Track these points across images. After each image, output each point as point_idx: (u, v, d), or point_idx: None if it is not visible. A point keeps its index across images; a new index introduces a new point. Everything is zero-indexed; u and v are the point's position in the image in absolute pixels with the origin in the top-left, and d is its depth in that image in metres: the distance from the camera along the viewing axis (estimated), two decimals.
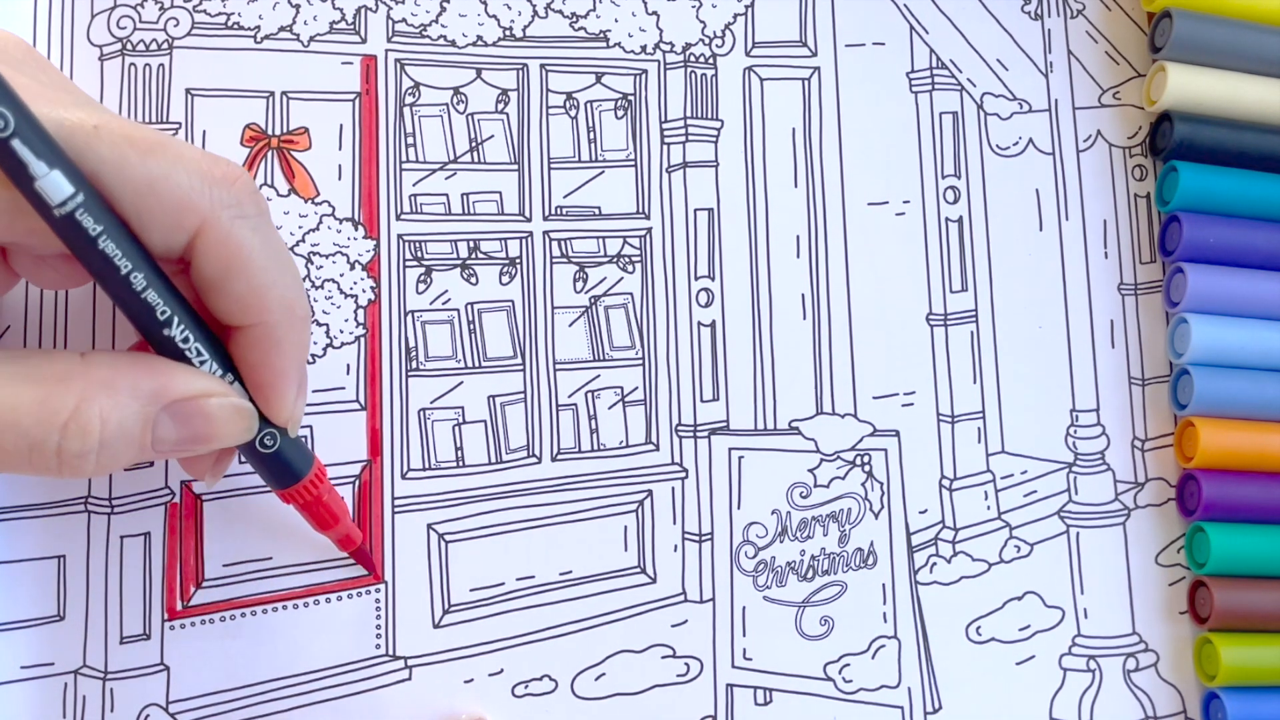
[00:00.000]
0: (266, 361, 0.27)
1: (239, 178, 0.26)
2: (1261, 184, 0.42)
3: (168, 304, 0.25)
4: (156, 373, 0.25)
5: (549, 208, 0.37)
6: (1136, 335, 0.42)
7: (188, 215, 0.25)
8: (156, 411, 0.25)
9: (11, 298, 0.31)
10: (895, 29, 0.41)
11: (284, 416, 0.28)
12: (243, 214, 0.26)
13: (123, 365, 0.25)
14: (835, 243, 0.39)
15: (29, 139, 0.22)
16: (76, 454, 0.24)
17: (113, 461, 0.25)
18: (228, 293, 0.26)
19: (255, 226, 0.26)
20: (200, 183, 0.25)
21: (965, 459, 0.39)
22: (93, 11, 0.33)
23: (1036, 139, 0.42)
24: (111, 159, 0.24)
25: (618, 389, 0.37)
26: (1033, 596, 0.39)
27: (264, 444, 0.28)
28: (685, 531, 0.37)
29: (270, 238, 0.27)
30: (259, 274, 0.26)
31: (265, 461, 0.29)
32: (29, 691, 0.30)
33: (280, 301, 0.27)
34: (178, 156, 0.25)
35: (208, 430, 0.26)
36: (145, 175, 0.24)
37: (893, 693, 0.37)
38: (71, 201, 0.23)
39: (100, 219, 0.23)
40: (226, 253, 0.26)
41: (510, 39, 0.37)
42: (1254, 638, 0.40)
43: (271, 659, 0.32)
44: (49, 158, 0.22)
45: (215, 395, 0.26)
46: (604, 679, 0.35)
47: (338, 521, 0.31)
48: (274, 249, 0.27)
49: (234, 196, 0.26)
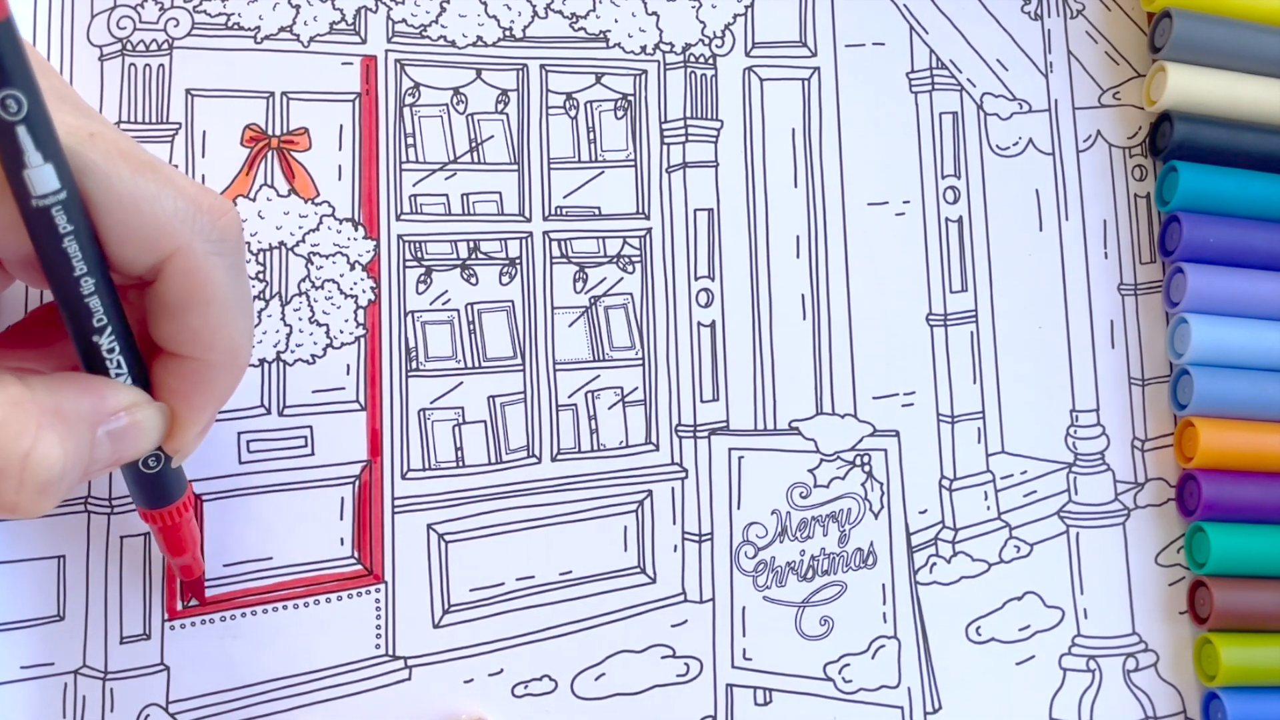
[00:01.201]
0: (189, 396, 0.27)
1: (226, 213, 0.26)
2: (1261, 184, 0.42)
3: (105, 313, 0.25)
4: (90, 391, 0.25)
5: (549, 208, 0.37)
6: (1136, 335, 0.42)
7: (164, 239, 0.25)
8: (98, 432, 0.25)
9: (12, 297, 0.31)
10: (895, 29, 0.41)
11: (178, 448, 0.28)
12: (220, 251, 0.26)
13: (60, 388, 0.24)
14: (835, 243, 0.39)
15: (35, 128, 0.22)
16: (41, 484, 0.23)
17: (66, 491, 0.24)
18: (181, 322, 0.26)
19: (229, 265, 0.26)
20: (186, 210, 0.25)
21: (965, 459, 0.39)
22: (93, 12, 0.33)
23: (1036, 139, 0.42)
24: (101, 167, 0.24)
25: (618, 389, 0.37)
26: (1033, 596, 0.39)
27: (147, 464, 0.28)
28: (685, 531, 0.37)
29: (239, 280, 0.27)
30: (217, 312, 0.26)
31: (140, 479, 0.28)
32: (29, 691, 0.30)
33: (228, 343, 0.26)
34: (168, 180, 0.25)
35: (135, 446, 0.26)
36: (132, 191, 0.24)
37: (893, 693, 0.37)
38: (53, 196, 0.23)
39: (73, 220, 0.23)
40: (192, 284, 0.25)
41: (510, 39, 0.37)
42: (1254, 638, 0.40)
43: (271, 659, 0.32)
44: (47, 151, 0.22)
45: (140, 406, 0.26)
46: (604, 679, 0.35)
47: (186, 551, 0.30)
48: (239, 292, 0.27)
49: (217, 231, 0.26)
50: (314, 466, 0.33)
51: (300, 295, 0.34)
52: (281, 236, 0.34)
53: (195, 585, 0.32)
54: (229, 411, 0.33)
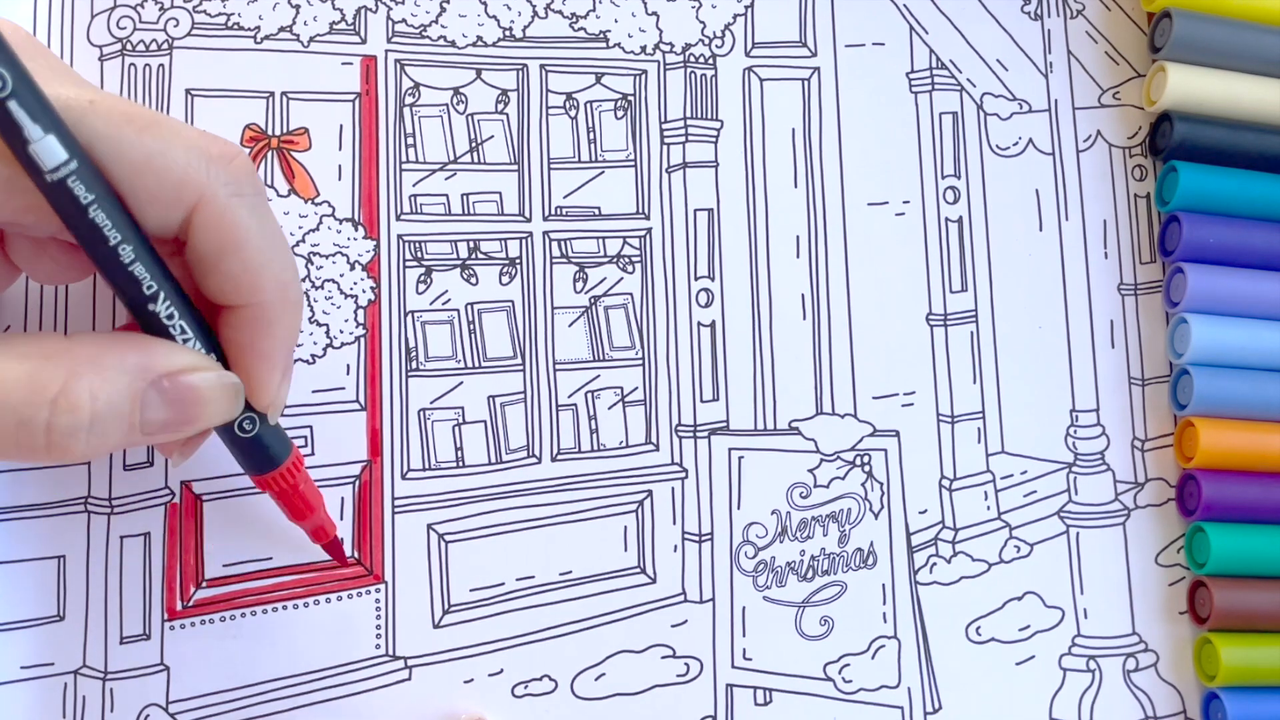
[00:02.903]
0: (255, 344, 0.27)
1: (236, 156, 0.26)
2: (1261, 184, 0.42)
3: (154, 278, 0.25)
4: (141, 348, 0.25)
5: (549, 208, 0.37)
6: (1136, 335, 0.42)
7: (184, 191, 0.25)
8: (144, 387, 0.25)
9: (12, 295, 0.31)
10: (895, 29, 0.41)
11: (267, 401, 0.28)
12: (240, 192, 0.26)
13: (108, 343, 0.25)
14: (835, 243, 0.39)
15: (26, 102, 0.22)
16: (67, 431, 0.23)
17: (102, 442, 0.24)
18: (222, 271, 0.26)
19: (252, 206, 0.26)
20: (198, 159, 0.25)
21: (965, 459, 0.39)
22: (93, 12, 0.33)
23: (1036, 139, 0.42)
24: (107, 134, 0.24)
25: (618, 389, 0.37)
26: (1033, 596, 0.39)
27: (243, 428, 0.28)
28: (685, 531, 0.37)
29: (267, 218, 0.27)
30: (254, 253, 0.26)
31: (242, 446, 0.28)
32: (29, 691, 0.30)
33: (275, 282, 0.27)
34: (175, 133, 0.25)
35: (195, 410, 0.26)
36: (142, 151, 0.24)
37: (893, 693, 0.37)
38: (64, 168, 0.23)
39: (93, 188, 0.23)
40: (222, 230, 0.26)
41: (510, 39, 0.37)
42: (1254, 638, 0.40)
43: (271, 659, 0.32)
44: (45, 122, 0.22)
45: (202, 369, 0.26)
46: (604, 679, 0.35)
47: (313, 512, 0.31)
48: (270, 230, 0.27)
49: (231, 174, 0.26)
50: (314, 466, 0.33)
51: None
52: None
53: (333, 548, 0.32)
54: None
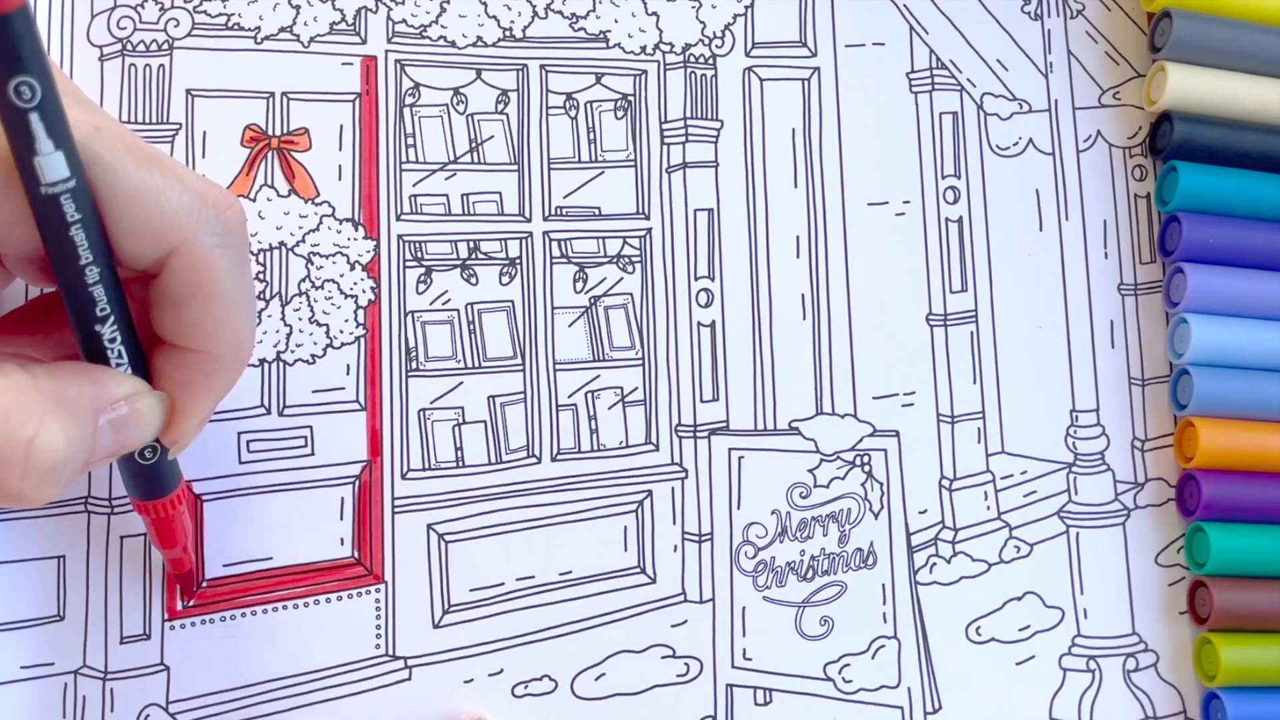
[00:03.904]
0: (190, 388, 0.27)
1: (231, 206, 0.26)
2: (1261, 184, 0.42)
3: (109, 303, 0.25)
4: (93, 378, 0.25)
5: (549, 208, 0.37)
6: (1136, 335, 0.42)
7: (169, 232, 0.25)
8: (100, 420, 0.25)
9: (11, 296, 0.31)
10: (895, 29, 0.41)
11: (175, 439, 0.28)
12: (225, 244, 0.26)
13: (63, 377, 0.25)
14: (835, 243, 0.39)
15: (48, 116, 0.22)
16: (44, 474, 0.23)
17: (69, 480, 0.24)
18: (185, 315, 0.26)
19: (234, 259, 0.26)
20: (191, 203, 0.25)
21: (965, 459, 0.39)
22: (93, 12, 0.33)
23: (1036, 139, 0.42)
24: (107, 160, 0.24)
25: (618, 389, 0.37)
26: (1033, 597, 0.39)
27: (143, 455, 0.28)
28: (685, 531, 0.37)
29: (243, 274, 0.27)
30: (221, 305, 0.26)
31: (136, 470, 0.28)
32: (29, 691, 0.30)
33: (231, 336, 0.27)
34: (173, 174, 0.25)
35: (136, 434, 0.26)
36: (137, 184, 0.24)
37: (893, 693, 0.37)
38: (62, 185, 0.23)
39: (81, 209, 0.23)
40: (197, 277, 0.26)
41: (510, 39, 0.37)
42: (1254, 638, 0.40)
43: (271, 659, 0.32)
44: (58, 139, 0.23)
45: (141, 394, 0.26)
46: (604, 679, 0.35)
47: (176, 544, 0.30)
48: (244, 286, 0.27)
49: (222, 225, 0.26)
50: (314, 466, 0.33)
51: (300, 295, 0.34)
52: (281, 237, 0.34)
53: (185, 579, 0.32)
54: (229, 411, 0.33)
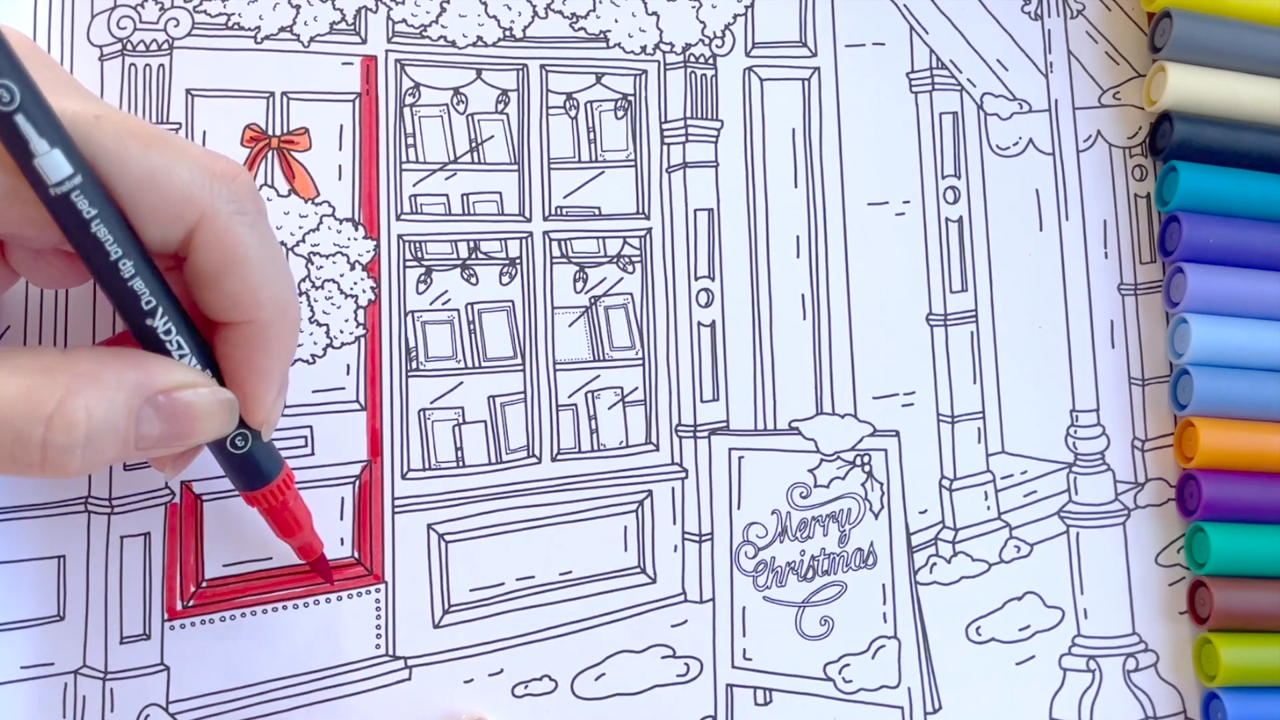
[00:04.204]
0: (252, 361, 0.27)
1: (239, 174, 0.26)
2: (1261, 184, 0.42)
3: (153, 294, 0.25)
4: (139, 365, 0.25)
5: (549, 208, 0.37)
6: (1136, 335, 0.42)
7: (186, 209, 0.25)
8: (140, 404, 0.25)
9: (12, 297, 0.31)
10: (895, 29, 0.41)
11: (260, 418, 0.28)
12: (242, 210, 0.26)
13: (106, 358, 0.25)
14: (835, 243, 0.39)
15: (33, 115, 0.22)
16: (62, 448, 0.24)
17: (97, 458, 0.24)
18: (222, 289, 0.26)
19: (254, 224, 0.26)
20: (201, 177, 0.25)
21: (965, 459, 0.39)
22: (93, 11, 0.33)
23: (1036, 139, 0.42)
24: (112, 149, 0.24)
25: (618, 389, 0.37)
26: (1033, 596, 0.39)
27: (234, 444, 0.28)
28: (685, 531, 0.37)
29: (268, 237, 0.27)
30: (255, 272, 0.26)
31: (234, 461, 0.28)
32: (29, 691, 0.30)
33: (274, 301, 0.27)
34: (179, 151, 0.25)
35: (190, 426, 0.26)
36: (146, 167, 0.24)
37: (893, 693, 0.37)
38: (69, 182, 0.23)
39: (96, 203, 0.23)
40: (224, 248, 0.26)
41: (510, 39, 0.37)
42: (1254, 638, 0.40)
43: (271, 659, 0.32)
44: (51, 136, 0.23)
45: (198, 386, 0.26)
46: (604, 679, 0.35)
47: (300, 530, 0.31)
48: (271, 249, 0.27)
49: (234, 193, 0.26)
50: (314, 466, 0.33)
51: (300, 295, 0.34)
52: (282, 236, 0.34)
53: (319, 565, 0.32)
54: None
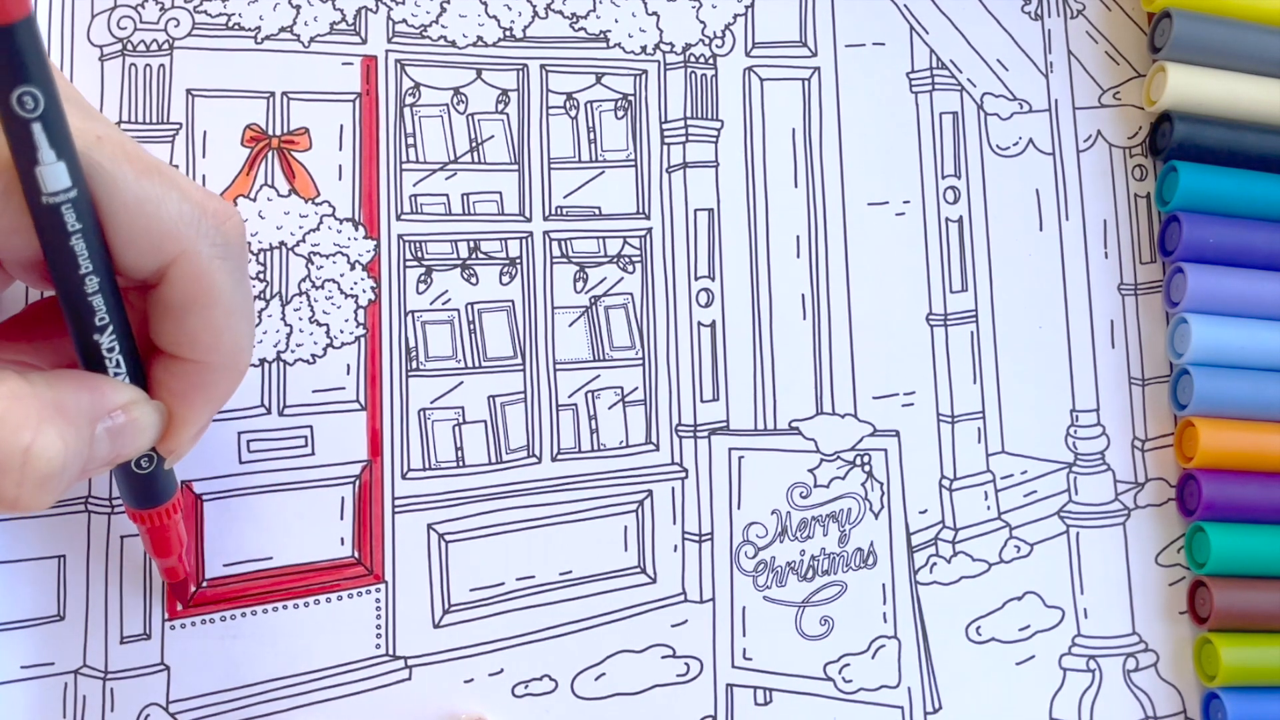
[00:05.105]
0: (188, 398, 0.27)
1: (230, 217, 0.26)
2: (1261, 184, 0.42)
3: (108, 312, 0.25)
4: (89, 386, 0.25)
5: (549, 208, 0.37)
6: (1136, 335, 0.42)
7: (169, 242, 0.25)
8: (99, 429, 0.25)
9: (11, 296, 0.31)
10: (895, 29, 0.41)
11: (175, 450, 0.28)
12: (225, 255, 0.26)
13: (61, 383, 0.25)
14: (835, 243, 0.39)
15: (51, 126, 0.22)
16: (40, 480, 0.23)
17: (65, 487, 0.24)
18: (183, 325, 0.26)
19: (232, 269, 0.26)
20: (191, 213, 0.25)
21: (965, 459, 0.39)
22: (93, 12, 0.33)
23: (1036, 139, 0.42)
24: (108, 170, 0.24)
25: (618, 389, 0.37)
26: (1033, 596, 0.39)
27: (139, 465, 0.28)
28: (685, 531, 0.37)
29: (242, 284, 0.27)
30: (220, 316, 0.26)
31: (132, 480, 0.28)
32: (29, 691, 0.30)
33: (230, 346, 0.27)
34: (173, 183, 0.25)
35: (132, 444, 0.26)
36: (137, 194, 0.24)
37: (893, 693, 0.37)
38: (64, 194, 0.23)
39: (82, 219, 0.24)
40: (197, 288, 0.26)
41: (510, 39, 0.37)
42: (1254, 638, 0.40)
43: (271, 659, 0.32)
44: (60, 148, 0.23)
45: (141, 404, 0.26)
46: (604, 679, 0.35)
47: (171, 553, 0.30)
48: (242, 296, 0.27)
49: (222, 235, 0.26)
50: (314, 466, 0.33)
51: (300, 295, 0.34)
52: (282, 236, 0.34)
53: (179, 589, 0.32)
54: (229, 411, 0.33)
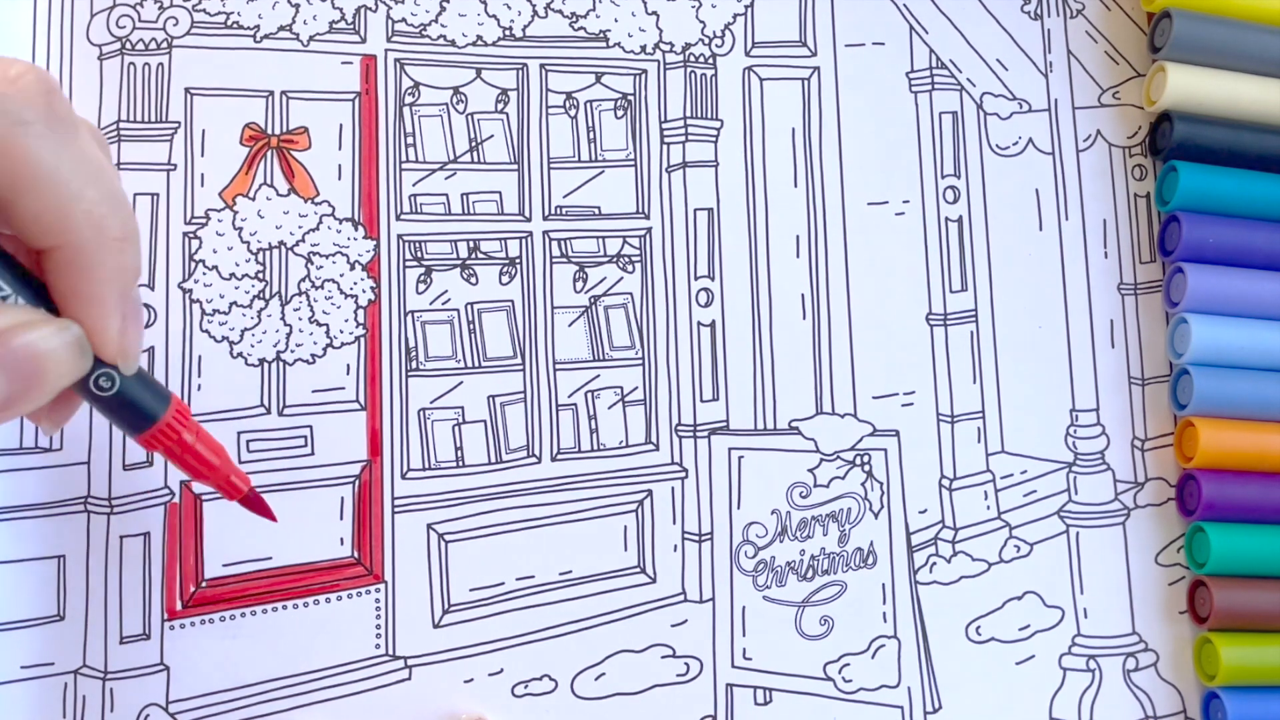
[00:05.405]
0: (77, 288, 0.24)
1: (20, 76, 0.23)
2: (1261, 184, 0.42)
3: None
4: None
5: (549, 208, 0.37)
6: (1136, 335, 0.42)
7: None
8: None
9: None
10: (895, 29, 0.41)
11: (110, 350, 0.25)
12: (20, 120, 0.23)
13: None
14: (835, 243, 0.39)
15: None
16: None
17: None
18: (20, 211, 0.23)
19: (41, 134, 0.23)
20: None
21: (965, 459, 0.39)
22: (92, 11, 0.33)
23: (1036, 139, 0.42)
24: None
25: (618, 389, 0.37)
26: (1033, 596, 0.39)
27: (99, 385, 0.25)
28: (685, 531, 0.37)
29: (66, 147, 0.24)
30: (51, 190, 0.23)
31: (108, 405, 0.26)
32: (29, 691, 0.30)
33: (85, 219, 0.24)
34: None
35: (39, 373, 0.23)
36: None
37: (893, 692, 0.37)
38: None
39: None
40: (8, 167, 0.23)
41: (510, 39, 0.37)
42: (1254, 638, 0.40)
43: (271, 659, 0.32)
44: None
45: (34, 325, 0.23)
46: (604, 679, 0.35)
47: (212, 469, 0.28)
48: (74, 161, 0.24)
49: (13, 101, 0.23)
50: (314, 466, 0.33)
51: (300, 295, 0.34)
52: (281, 236, 0.34)
53: (249, 503, 0.29)
54: (229, 411, 0.33)
